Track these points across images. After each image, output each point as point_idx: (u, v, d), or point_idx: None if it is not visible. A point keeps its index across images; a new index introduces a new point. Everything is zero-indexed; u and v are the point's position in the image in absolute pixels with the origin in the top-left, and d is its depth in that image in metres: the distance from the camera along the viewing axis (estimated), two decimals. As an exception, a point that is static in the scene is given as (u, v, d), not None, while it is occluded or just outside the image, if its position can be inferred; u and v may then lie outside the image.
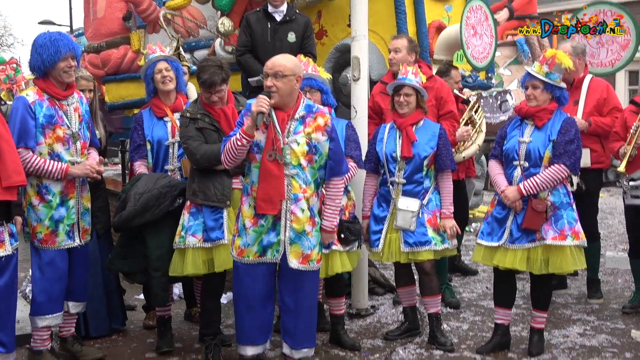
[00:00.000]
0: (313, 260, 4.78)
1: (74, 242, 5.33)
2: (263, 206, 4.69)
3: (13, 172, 4.62)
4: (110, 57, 10.14)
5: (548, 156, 5.38)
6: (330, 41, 8.55)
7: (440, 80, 6.70)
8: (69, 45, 5.16)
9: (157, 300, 5.56)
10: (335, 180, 4.85)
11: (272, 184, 4.66)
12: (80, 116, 5.36)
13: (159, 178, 5.60)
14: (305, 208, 4.73)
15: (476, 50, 7.47)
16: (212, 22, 9.26)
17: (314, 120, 4.75)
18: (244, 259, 4.80)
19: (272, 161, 4.66)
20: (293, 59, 4.84)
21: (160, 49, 6.02)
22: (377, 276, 7.37)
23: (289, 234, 4.73)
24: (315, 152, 4.73)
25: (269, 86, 4.66)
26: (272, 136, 4.67)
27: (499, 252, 5.51)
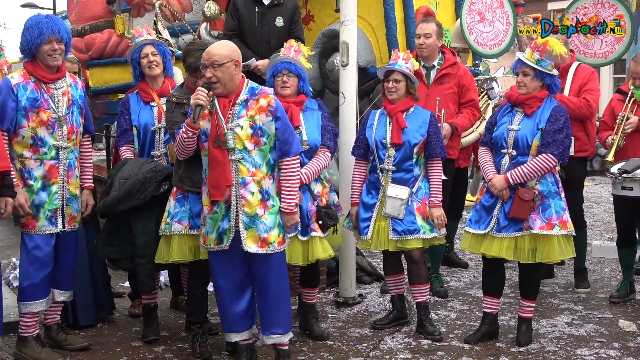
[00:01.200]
0: (273, 243, 4.74)
1: (55, 228, 5.23)
2: (213, 193, 4.70)
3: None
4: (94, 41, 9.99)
5: (536, 144, 5.34)
6: (317, 26, 8.48)
7: (463, 68, 6.65)
8: (53, 28, 5.06)
9: (143, 287, 5.48)
10: (287, 161, 4.79)
11: (218, 170, 4.66)
12: (70, 100, 5.27)
13: (144, 163, 5.52)
14: (256, 191, 4.70)
15: (483, 36, 7.43)
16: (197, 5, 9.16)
17: (257, 102, 4.71)
18: (208, 247, 4.83)
19: (217, 147, 4.66)
20: (228, 44, 4.79)
21: (147, 32, 5.92)
22: (365, 264, 7.33)
23: (243, 219, 4.70)
24: (261, 134, 4.70)
25: (209, 77, 4.64)
26: (215, 123, 4.67)
27: (485, 240, 5.48)
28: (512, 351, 5.45)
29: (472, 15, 7.31)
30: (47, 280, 5.27)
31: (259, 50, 7.15)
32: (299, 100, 5.59)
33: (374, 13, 7.89)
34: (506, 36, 7.59)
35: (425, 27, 6.42)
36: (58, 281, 5.38)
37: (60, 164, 5.23)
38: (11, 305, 6.12)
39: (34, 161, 5.15)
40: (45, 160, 5.17)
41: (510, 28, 7.60)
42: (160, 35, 7.26)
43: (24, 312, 5.26)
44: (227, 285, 4.85)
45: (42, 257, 5.19)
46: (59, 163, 5.22)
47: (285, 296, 4.94)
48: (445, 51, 6.55)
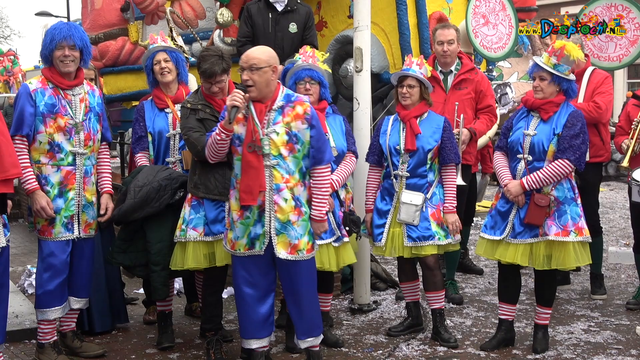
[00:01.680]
0: (302, 250, 4.74)
1: (72, 235, 5.23)
2: (245, 198, 4.68)
3: (10, 165, 4.55)
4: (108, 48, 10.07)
5: (552, 150, 5.29)
6: (330, 32, 8.49)
7: (480, 74, 6.63)
8: (65, 34, 5.08)
9: (157, 294, 5.48)
10: (319, 169, 4.80)
11: (252, 176, 4.65)
12: (87, 107, 5.27)
13: (159, 170, 5.52)
14: (289, 198, 4.70)
15: (488, 40, 7.41)
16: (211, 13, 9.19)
17: (293, 109, 4.71)
18: (236, 252, 4.80)
19: (252, 152, 4.65)
20: (267, 50, 4.80)
21: (162, 39, 5.93)
22: (379, 271, 7.30)
23: (274, 225, 4.70)
24: (296, 141, 4.70)
25: (245, 80, 4.64)
26: (251, 128, 4.66)
27: (500, 246, 5.45)
28: (528, 358, 5.41)
29: (477, 19, 7.29)
30: (63, 288, 5.27)
31: (272, 56, 7.16)
32: (322, 107, 5.59)
33: (387, 19, 7.89)
34: (509, 39, 7.57)
35: (447, 33, 6.40)
36: (74, 288, 5.38)
37: (77, 170, 5.23)
38: (27, 312, 6.15)
39: (51, 167, 5.16)
40: (62, 166, 5.17)
41: (513, 31, 7.58)
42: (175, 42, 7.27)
43: (41, 319, 5.27)
44: (251, 290, 4.83)
45: (58, 265, 5.20)
46: (76, 169, 5.23)
47: (316, 301, 4.97)
48: (462, 56, 6.54)
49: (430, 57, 6.66)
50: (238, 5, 8.24)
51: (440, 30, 6.45)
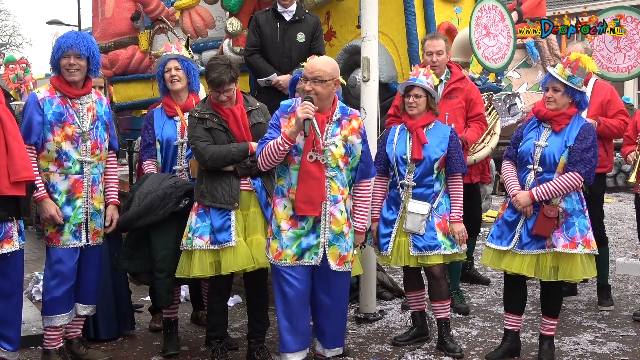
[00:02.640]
0: (348, 262, 4.84)
1: (80, 242, 5.27)
2: (303, 208, 4.71)
3: (22, 168, 4.59)
4: (118, 57, 10.14)
5: (563, 162, 5.28)
6: (339, 42, 8.52)
7: (470, 82, 6.64)
8: (71, 43, 5.13)
9: (161, 301, 5.50)
10: (366, 182, 4.94)
11: (312, 186, 4.69)
12: (95, 116, 5.31)
13: (165, 178, 5.55)
14: (344, 209, 4.78)
15: (489, 50, 7.41)
16: (220, 22, 9.24)
17: (349, 122, 4.80)
18: (281, 261, 4.81)
19: (313, 162, 4.69)
20: (332, 62, 4.83)
21: (176, 47, 5.96)
22: (386, 280, 7.30)
23: (328, 236, 4.75)
24: (350, 154, 4.78)
25: (308, 90, 4.66)
26: (312, 138, 4.68)
27: (507, 256, 5.44)
28: (533, 369, 5.40)
29: (479, 30, 7.30)
30: (70, 294, 5.30)
31: (280, 65, 7.21)
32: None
33: (396, 29, 7.92)
34: (508, 49, 7.57)
35: (436, 44, 6.38)
36: (81, 295, 5.41)
37: (84, 178, 5.27)
38: (33, 319, 6.17)
39: (59, 175, 5.20)
40: (69, 174, 5.21)
41: (511, 41, 7.59)
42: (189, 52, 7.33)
43: (47, 326, 5.31)
44: (292, 301, 4.84)
45: (65, 272, 5.23)
46: (83, 177, 5.26)
47: (345, 313, 5.05)
48: (451, 66, 6.54)
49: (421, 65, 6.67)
50: (247, 14, 8.28)
51: (429, 40, 6.44)
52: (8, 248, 4.66)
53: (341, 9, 8.48)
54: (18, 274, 4.84)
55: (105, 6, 10.15)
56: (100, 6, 10.24)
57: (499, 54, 7.51)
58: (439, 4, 8.01)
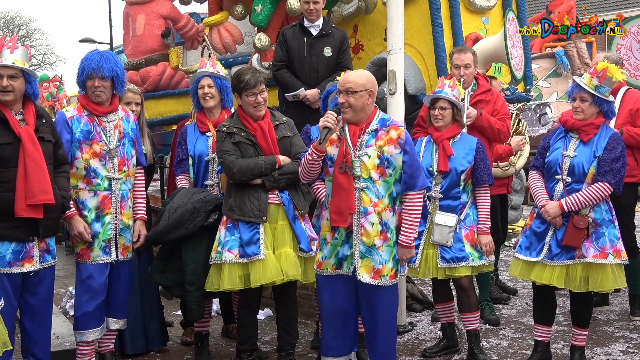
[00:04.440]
0: (385, 276, 4.75)
1: (110, 258, 5.35)
2: (335, 218, 4.74)
3: (38, 191, 4.66)
4: (149, 73, 10.24)
5: (592, 172, 5.26)
6: (367, 55, 8.55)
7: (497, 94, 6.62)
8: (95, 66, 5.21)
9: (191, 314, 5.54)
10: (411, 194, 4.81)
11: (342, 197, 4.70)
12: (121, 133, 5.40)
13: (195, 193, 5.60)
14: (376, 222, 4.73)
15: (516, 61, 7.43)
16: (249, 37, 9.32)
17: (387, 133, 4.76)
18: (323, 271, 4.87)
19: (343, 173, 4.70)
20: (365, 74, 4.86)
21: (211, 64, 6.02)
22: (415, 292, 7.30)
23: (359, 247, 4.75)
24: (388, 166, 4.73)
25: (341, 102, 4.70)
26: (343, 149, 4.72)
27: (536, 267, 5.42)
28: (564, 380, 5.37)
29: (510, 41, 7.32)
30: (101, 309, 5.38)
31: (307, 80, 7.24)
32: None
33: (424, 41, 7.93)
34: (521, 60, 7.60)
35: (464, 57, 6.36)
36: (112, 310, 5.49)
37: (112, 194, 5.35)
38: (67, 333, 6.25)
39: (88, 192, 5.29)
40: (98, 191, 5.30)
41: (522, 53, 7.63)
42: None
43: (80, 341, 5.39)
44: (333, 311, 4.88)
45: (96, 287, 5.31)
46: (112, 194, 5.35)
47: (393, 329, 4.96)
48: (478, 77, 6.54)
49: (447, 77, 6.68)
50: (275, 30, 8.34)
51: (457, 54, 6.43)
52: (28, 267, 4.75)
53: (368, 22, 8.51)
54: (46, 292, 4.94)
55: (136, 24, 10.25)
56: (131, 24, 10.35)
57: (520, 64, 7.53)
58: (466, 15, 7.99)
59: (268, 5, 8.23)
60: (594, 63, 5.49)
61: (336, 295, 4.86)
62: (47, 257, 4.90)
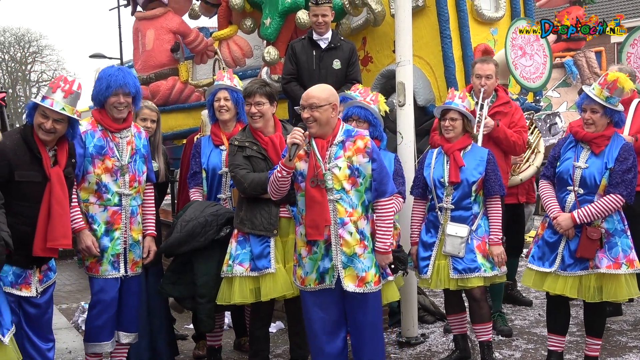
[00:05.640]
0: (370, 282, 4.77)
1: (118, 273, 5.35)
2: (311, 232, 4.74)
3: (60, 235, 4.72)
4: (159, 88, 10.28)
5: (604, 184, 5.25)
6: (376, 67, 8.57)
7: (515, 106, 6.62)
8: (121, 82, 5.21)
9: (202, 326, 5.54)
10: (382, 201, 4.83)
11: (317, 210, 4.70)
12: (133, 150, 5.41)
13: (207, 206, 5.61)
14: (354, 231, 4.75)
15: (526, 70, 7.41)
16: (258, 51, 9.35)
17: (354, 143, 4.77)
18: (307, 287, 4.86)
19: (315, 187, 4.71)
20: (327, 88, 4.87)
21: (228, 77, 6.03)
22: (427, 304, 7.27)
23: (341, 258, 4.74)
24: (358, 175, 4.74)
25: (306, 118, 4.73)
26: (313, 163, 4.72)
27: (549, 277, 5.40)
28: (578, 391, 5.34)
29: (515, 50, 7.30)
30: (111, 323, 5.39)
31: (317, 93, 7.25)
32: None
33: (432, 52, 7.94)
34: (545, 68, 7.56)
35: (486, 68, 6.37)
36: (123, 324, 5.49)
37: (122, 210, 5.35)
38: (80, 347, 6.27)
39: (98, 207, 5.30)
40: (108, 206, 5.31)
41: (548, 60, 7.58)
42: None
43: (90, 353, 5.41)
44: (324, 325, 4.88)
45: (106, 300, 5.32)
46: (122, 209, 5.35)
47: (380, 335, 4.99)
48: (498, 89, 6.54)
49: (467, 87, 6.68)
50: (284, 43, 8.37)
51: (480, 64, 6.44)
52: (26, 293, 4.75)
53: (377, 34, 8.53)
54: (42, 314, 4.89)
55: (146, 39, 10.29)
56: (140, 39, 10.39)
57: (536, 74, 7.50)
58: (474, 26, 8.00)
59: (277, 18, 8.27)
60: (605, 74, 5.46)
61: (325, 308, 4.86)
62: (50, 275, 4.95)
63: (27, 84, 46.39)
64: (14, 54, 46.64)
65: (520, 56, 7.31)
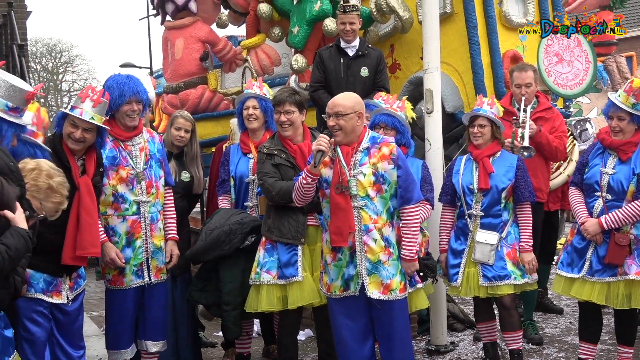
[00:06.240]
0: (395, 290, 4.75)
1: (143, 281, 5.33)
2: (335, 239, 4.75)
3: (89, 244, 4.74)
4: (188, 97, 10.34)
5: (632, 190, 5.19)
6: (404, 74, 8.54)
7: (556, 112, 6.59)
8: (134, 90, 5.21)
9: (229, 333, 5.55)
10: (408, 208, 4.82)
11: (341, 217, 4.71)
12: (148, 155, 5.37)
13: (233, 214, 5.63)
14: (378, 238, 4.74)
15: (562, 77, 7.35)
16: (286, 59, 9.38)
17: (379, 150, 4.77)
18: (332, 294, 4.86)
19: (339, 194, 4.71)
20: (352, 97, 4.88)
21: (258, 86, 6.04)
22: (456, 311, 7.23)
23: (366, 265, 4.73)
24: (383, 182, 4.74)
25: (331, 125, 4.74)
26: (338, 170, 4.73)
27: (577, 283, 5.37)
28: (610, 400, 5.28)
29: (550, 57, 7.24)
30: (130, 330, 5.40)
31: (345, 100, 7.24)
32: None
33: (460, 59, 7.90)
34: (587, 75, 7.48)
35: (525, 76, 6.30)
36: (148, 333, 5.48)
37: (141, 218, 5.32)
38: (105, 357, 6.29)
39: (117, 218, 5.27)
40: (127, 216, 5.28)
41: (591, 66, 7.51)
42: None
43: None
44: (351, 333, 4.86)
45: (125, 309, 5.32)
46: (141, 217, 5.32)
47: (409, 343, 4.96)
48: (539, 95, 6.49)
49: (508, 94, 6.64)
50: (312, 51, 8.39)
51: (518, 72, 6.36)
52: (56, 299, 4.77)
53: (405, 41, 8.51)
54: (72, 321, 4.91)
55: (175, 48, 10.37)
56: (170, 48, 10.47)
57: (575, 80, 7.44)
58: (503, 32, 7.95)
59: (305, 27, 8.29)
60: (630, 80, 5.42)
61: (352, 316, 4.85)
62: (80, 282, 4.96)
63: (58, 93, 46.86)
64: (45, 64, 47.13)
65: (556, 63, 7.26)
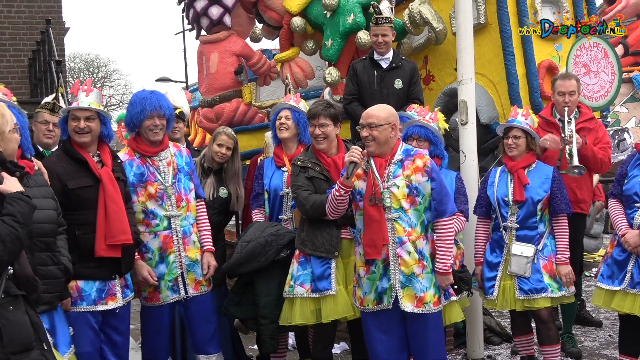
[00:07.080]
0: (429, 303, 4.72)
1: (179, 295, 5.32)
2: (369, 251, 4.73)
3: (118, 232, 4.75)
4: (223, 110, 10.38)
5: None
6: (438, 86, 8.51)
7: (599, 123, 6.51)
8: (155, 105, 5.20)
9: (265, 347, 5.53)
10: (442, 221, 4.79)
11: (374, 229, 4.69)
12: (175, 169, 5.36)
13: (268, 227, 5.63)
14: (412, 250, 4.71)
15: (589, 89, 7.27)
16: (320, 72, 9.39)
17: (413, 162, 4.75)
18: (366, 308, 4.84)
19: (373, 206, 4.69)
20: (386, 108, 4.88)
21: (294, 100, 6.05)
22: (493, 325, 7.16)
23: (399, 278, 4.71)
24: (417, 194, 4.72)
25: (365, 136, 4.74)
26: (371, 182, 4.71)
27: (618, 295, 5.29)
28: (651, 415, 5.18)
29: (578, 68, 7.17)
30: (165, 345, 5.43)
31: (379, 112, 7.23)
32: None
33: (495, 69, 7.85)
34: (612, 87, 7.39)
35: (568, 84, 6.19)
36: (199, 347, 5.49)
37: (173, 233, 5.30)
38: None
39: (148, 234, 5.26)
40: (158, 231, 5.27)
41: (616, 78, 7.41)
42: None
43: None
44: (385, 347, 4.84)
45: (161, 324, 5.34)
46: (172, 232, 5.30)
47: (443, 356, 4.91)
48: (580, 105, 6.41)
49: (549, 104, 6.58)
50: (346, 63, 8.40)
51: (561, 81, 6.28)
52: (112, 304, 4.83)
53: (439, 53, 8.48)
54: (127, 325, 5.02)
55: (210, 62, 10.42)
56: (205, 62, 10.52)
57: (600, 92, 7.35)
58: (538, 42, 7.88)
59: (338, 39, 8.30)
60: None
61: (386, 330, 4.82)
62: (127, 292, 4.99)
63: (96, 108, 47.44)
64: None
65: (584, 74, 7.18)
